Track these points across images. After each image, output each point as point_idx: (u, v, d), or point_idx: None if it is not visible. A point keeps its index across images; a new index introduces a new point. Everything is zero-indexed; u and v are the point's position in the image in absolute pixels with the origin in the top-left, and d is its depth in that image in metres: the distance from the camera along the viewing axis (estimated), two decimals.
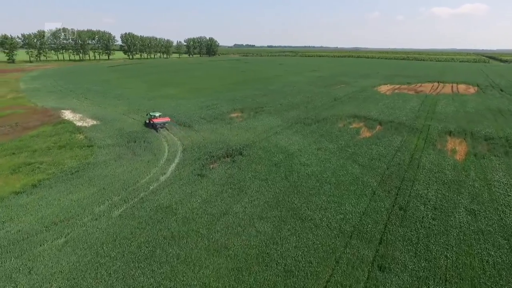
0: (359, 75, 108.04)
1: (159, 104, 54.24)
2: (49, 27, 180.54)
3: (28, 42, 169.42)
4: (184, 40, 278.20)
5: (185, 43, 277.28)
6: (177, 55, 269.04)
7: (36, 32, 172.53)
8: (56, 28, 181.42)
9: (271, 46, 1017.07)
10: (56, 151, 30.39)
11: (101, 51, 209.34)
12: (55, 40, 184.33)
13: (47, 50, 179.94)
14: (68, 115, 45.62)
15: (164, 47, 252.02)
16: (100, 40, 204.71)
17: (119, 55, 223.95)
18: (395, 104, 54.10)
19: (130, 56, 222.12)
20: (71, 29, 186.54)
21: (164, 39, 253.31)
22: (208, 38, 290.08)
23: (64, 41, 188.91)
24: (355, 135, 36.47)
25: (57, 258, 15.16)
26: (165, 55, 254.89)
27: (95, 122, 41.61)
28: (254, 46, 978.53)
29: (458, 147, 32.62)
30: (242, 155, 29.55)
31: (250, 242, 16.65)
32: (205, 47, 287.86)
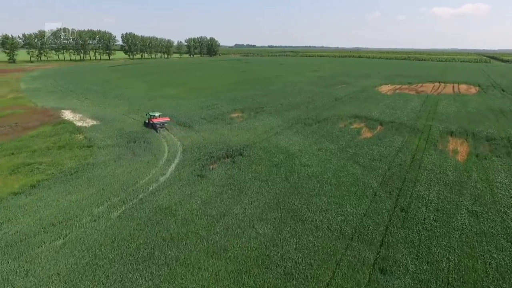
0: (360, 75, 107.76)
1: (159, 104, 54.11)
2: (49, 27, 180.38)
3: (29, 42, 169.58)
4: (185, 40, 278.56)
5: (185, 43, 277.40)
6: (177, 55, 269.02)
7: (37, 32, 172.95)
8: (57, 28, 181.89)
9: (271, 46, 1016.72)
10: (56, 151, 30.27)
11: (101, 51, 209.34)
12: (56, 40, 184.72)
13: (47, 50, 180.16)
14: (68, 115, 45.53)
15: (165, 47, 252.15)
16: (101, 40, 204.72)
17: (120, 55, 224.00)
18: (396, 104, 53.87)
19: (131, 56, 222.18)
20: (71, 29, 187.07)
21: (165, 39, 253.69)
22: (209, 38, 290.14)
23: (65, 41, 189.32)
24: (356, 135, 36.27)
25: (54, 260, 15.01)
26: (165, 55, 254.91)
27: (95, 122, 41.50)
28: (255, 46, 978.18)
29: (460, 148, 32.39)
30: (242, 155, 29.38)
31: (249, 244, 16.47)
32: (205, 47, 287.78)
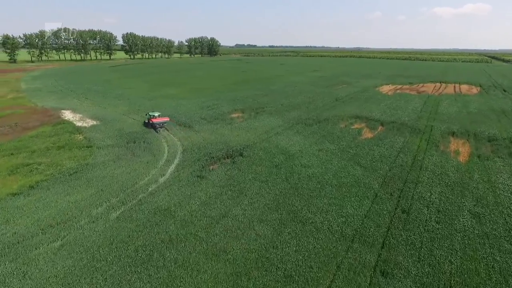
0: (361, 75, 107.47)
1: (159, 104, 53.98)
2: (49, 27, 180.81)
3: (29, 42, 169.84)
4: (186, 40, 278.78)
5: (186, 43, 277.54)
6: (178, 55, 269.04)
7: (37, 32, 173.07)
8: (58, 28, 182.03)
9: (272, 46, 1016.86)
10: (55, 151, 30.13)
11: (102, 51, 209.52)
12: (57, 40, 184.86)
13: (48, 50, 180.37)
14: (68, 115, 45.42)
15: (166, 47, 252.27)
16: (102, 40, 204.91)
17: (121, 55, 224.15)
18: (397, 105, 53.62)
19: (132, 56, 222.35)
20: (72, 29, 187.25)
21: (166, 39, 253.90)
22: (209, 38, 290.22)
23: (65, 41, 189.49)
24: (356, 136, 36.05)
25: (52, 262, 14.86)
26: (166, 55, 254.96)
27: (95, 123, 41.37)
28: (255, 46, 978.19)
29: (461, 148, 32.16)
30: (243, 156, 29.21)
31: (249, 246, 16.30)
32: (206, 47, 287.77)
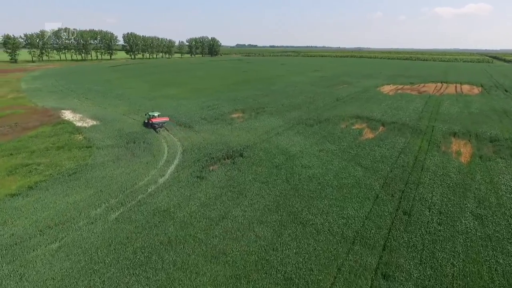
0: (362, 75, 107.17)
1: (160, 104, 53.85)
2: (49, 27, 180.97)
3: (30, 42, 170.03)
4: (186, 40, 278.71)
5: (187, 43, 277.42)
6: (179, 55, 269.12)
7: (38, 32, 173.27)
8: (59, 28, 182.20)
9: (273, 46, 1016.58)
10: (54, 152, 30.00)
11: (103, 51, 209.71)
12: (57, 40, 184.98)
13: (49, 50, 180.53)
14: (68, 115, 45.32)
15: (166, 47, 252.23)
16: (102, 40, 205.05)
17: (121, 55, 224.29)
18: (398, 105, 53.38)
19: (132, 56, 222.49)
20: (73, 29, 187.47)
21: (166, 39, 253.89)
22: (210, 38, 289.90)
23: (66, 41, 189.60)
24: (357, 136, 35.85)
25: (50, 264, 14.70)
26: (167, 55, 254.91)
27: (95, 123, 41.26)
28: (256, 46, 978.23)
29: (463, 149, 31.93)
30: (243, 156, 29.04)
31: (249, 248, 16.12)
32: (207, 47, 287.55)
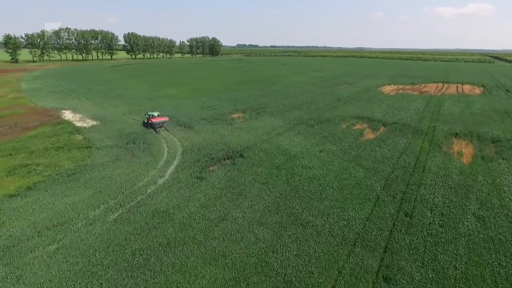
0: (363, 75, 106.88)
1: (160, 104, 53.72)
2: (49, 27, 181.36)
3: (31, 42, 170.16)
4: (187, 40, 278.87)
5: (188, 43, 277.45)
6: (180, 55, 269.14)
7: (39, 32, 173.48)
8: (60, 28, 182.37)
9: (274, 46, 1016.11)
10: (54, 152, 29.88)
11: (104, 51, 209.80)
12: (58, 40, 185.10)
13: (50, 50, 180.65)
14: (68, 116, 45.23)
15: (167, 47, 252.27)
16: (103, 40, 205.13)
17: (122, 55, 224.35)
18: (399, 105, 53.13)
19: (133, 56, 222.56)
20: (74, 29, 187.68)
21: (167, 39, 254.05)
22: (211, 38, 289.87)
23: (67, 41, 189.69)
24: (358, 136, 35.65)
25: (47, 266, 14.55)
26: (168, 55, 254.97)
27: (94, 123, 41.14)
28: (257, 46, 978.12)
29: (465, 150, 31.71)
30: (243, 157, 28.88)
31: (248, 250, 15.94)
32: (208, 47, 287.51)
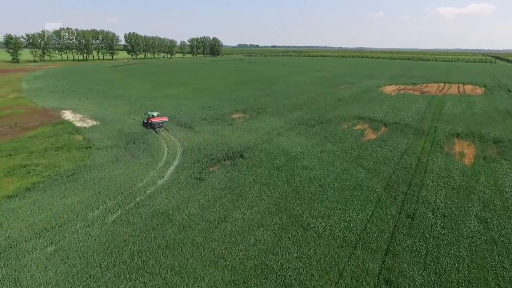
0: (364, 75, 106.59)
1: (160, 104, 53.58)
2: (49, 27, 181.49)
3: (32, 42, 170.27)
4: (188, 40, 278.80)
5: (188, 43, 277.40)
6: (180, 55, 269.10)
7: (40, 32, 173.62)
8: (60, 27, 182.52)
9: (275, 46, 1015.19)
10: (53, 152, 29.76)
11: (105, 51, 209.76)
12: (59, 40, 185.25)
13: (51, 50, 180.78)
14: (68, 116, 45.14)
15: (168, 47, 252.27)
16: (104, 40, 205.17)
17: (123, 55, 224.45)
18: (401, 105, 52.89)
19: (134, 56, 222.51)
20: (75, 29, 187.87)
21: (168, 39, 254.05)
22: (211, 38, 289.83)
23: (68, 41, 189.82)
24: (359, 137, 35.44)
25: (45, 268, 14.41)
26: (168, 55, 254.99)
27: (95, 123, 41.04)
28: (258, 46, 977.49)
29: (467, 150, 31.47)
30: (243, 157, 28.71)
31: (248, 252, 15.77)
32: (208, 47, 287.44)
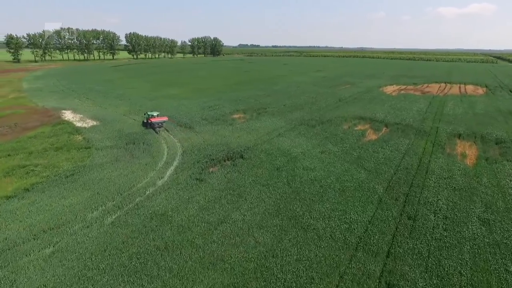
0: (365, 75, 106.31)
1: (161, 104, 53.45)
2: (49, 27, 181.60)
3: (33, 42, 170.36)
4: (189, 40, 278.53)
5: (189, 43, 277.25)
6: (181, 55, 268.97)
7: (41, 32, 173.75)
8: (60, 27, 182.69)
9: (275, 46, 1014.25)
10: (53, 153, 29.65)
11: (105, 51, 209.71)
12: (60, 40, 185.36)
13: (52, 50, 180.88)
14: (68, 116, 45.04)
15: (169, 47, 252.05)
16: (105, 40, 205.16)
17: (124, 55, 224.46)
18: (402, 106, 52.64)
19: (135, 56, 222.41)
20: (75, 28, 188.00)
21: (169, 39, 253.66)
22: (212, 38, 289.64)
23: (69, 41, 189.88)
24: (360, 137, 35.24)
25: (42, 270, 14.27)
26: (169, 55, 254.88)
27: (94, 123, 40.92)
28: (258, 46, 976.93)
29: (468, 151, 31.25)
30: (243, 158, 28.55)
31: (248, 254, 15.60)
32: (209, 47, 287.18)
